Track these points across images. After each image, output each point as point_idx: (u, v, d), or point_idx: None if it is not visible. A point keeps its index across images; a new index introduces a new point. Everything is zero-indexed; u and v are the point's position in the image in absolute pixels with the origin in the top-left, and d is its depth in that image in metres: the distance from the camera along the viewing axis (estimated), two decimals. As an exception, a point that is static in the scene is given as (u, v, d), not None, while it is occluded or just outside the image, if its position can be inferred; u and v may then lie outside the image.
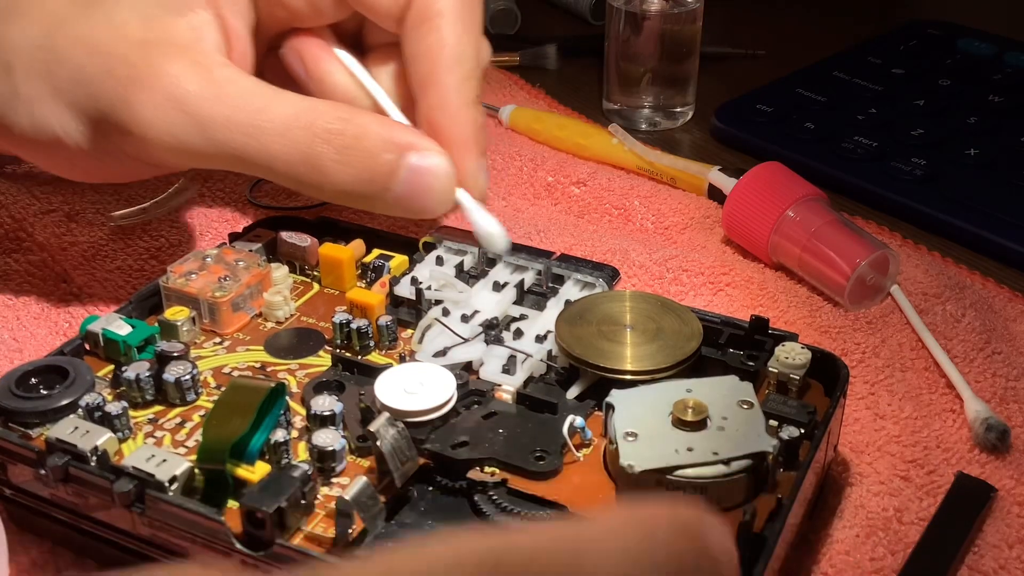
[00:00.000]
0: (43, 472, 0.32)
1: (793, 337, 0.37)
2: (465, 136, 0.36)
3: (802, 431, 0.33)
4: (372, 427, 0.32)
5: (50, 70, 0.37)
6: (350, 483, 0.30)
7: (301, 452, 0.34)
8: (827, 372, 0.36)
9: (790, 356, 0.36)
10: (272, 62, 0.41)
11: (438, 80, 0.36)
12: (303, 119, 0.35)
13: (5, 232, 0.51)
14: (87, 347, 0.38)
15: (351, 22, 0.40)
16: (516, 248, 0.42)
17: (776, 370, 0.36)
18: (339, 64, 0.39)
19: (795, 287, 0.49)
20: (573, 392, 0.36)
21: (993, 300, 0.48)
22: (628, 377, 0.35)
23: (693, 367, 0.36)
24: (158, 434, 0.35)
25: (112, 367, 0.37)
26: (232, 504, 0.32)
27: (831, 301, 0.48)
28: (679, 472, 0.31)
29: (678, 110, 0.66)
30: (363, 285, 0.42)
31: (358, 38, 0.41)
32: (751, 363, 0.37)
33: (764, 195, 0.50)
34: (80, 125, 0.38)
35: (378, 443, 0.32)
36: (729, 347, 0.38)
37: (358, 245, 0.43)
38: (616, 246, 0.51)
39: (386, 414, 0.32)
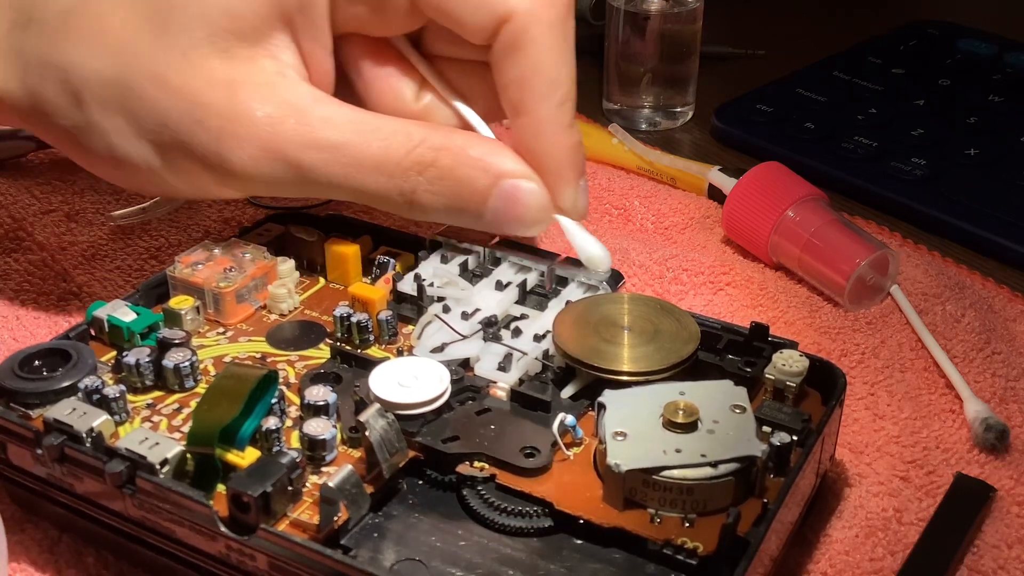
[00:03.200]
0: (39, 452, 0.33)
1: (793, 345, 0.37)
2: (561, 162, 0.36)
3: (794, 438, 0.33)
4: (361, 417, 0.32)
5: (129, 107, 0.36)
6: (336, 471, 0.31)
7: (294, 441, 0.34)
8: (825, 380, 0.36)
9: (787, 363, 0.35)
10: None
11: (533, 108, 0.35)
12: (398, 152, 0.35)
13: (5, 232, 0.51)
14: (92, 332, 0.39)
15: (413, 32, 0.39)
16: (521, 248, 0.42)
17: (773, 377, 0.36)
18: (395, 76, 0.38)
19: (795, 287, 0.49)
20: (568, 391, 0.36)
21: (993, 300, 0.48)
22: (623, 378, 0.35)
23: (690, 371, 0.36)
24: (155, 419, 0.36)
25: (115, 353, 0.38)
26: (222, 489, 0.32)
27: (831, 301, 0.48)
28: (665, 473, 0.31)
29: (678, 110, 0.66)
30: (368, 281, 0.42)
31: (417, 47, 0.40)
32: (748, 369, 0.37)
33: (764, 195, 0.50)
34: (165, 159, 0.37)
35: (367, 433, 0.32)
36: (728, 353, 0.38)
37: (365, 242, 0.43)
38: (616, 246, 0.51)
39: (376, 405, 0.33)
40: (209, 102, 0.35)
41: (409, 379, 0.35)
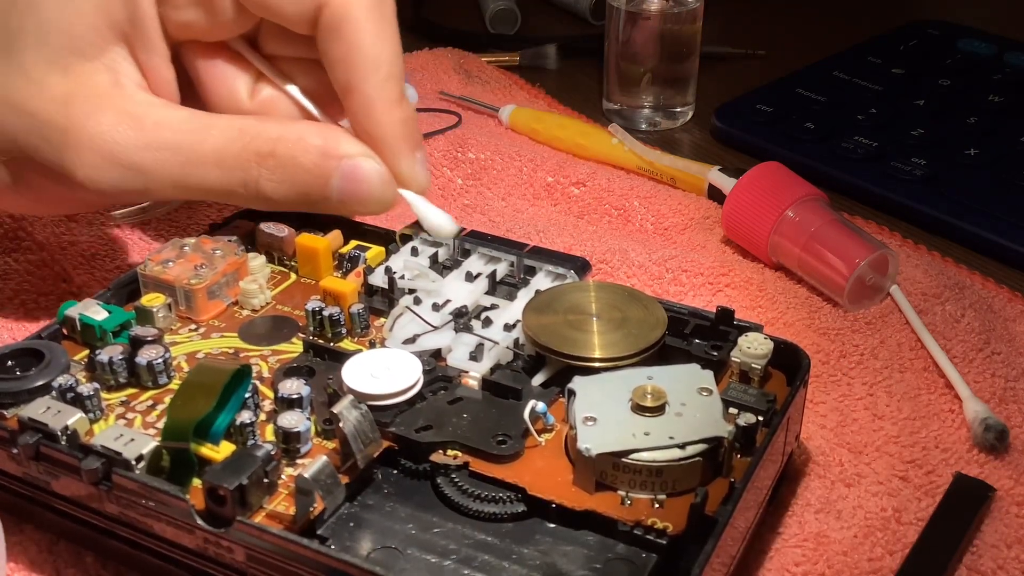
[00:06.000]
0: (15, 451, 0.33)
1: (758, 328, 0.38)
2: (394, 136, 0.37)
3: (760, 418, 0.34)
4: (335, 409, 0.32)
5: None
6: (311, 462, 0.31)
7: (269, 435, 0.35)
8: (790, 362, 0.37)
9: (752, 346, 0.36)
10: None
11: (358, 86, 0.37)
12: (235, 146, 0.36)
13: (5, 232, 0.51)
14: (64, 332, 0.39)
15: (250, 34, 0.41)
16: (490, 239, 0.43)
17: (739, 359, 0.36)
18: (231, 76, 0.40)
19: (795, 287, 0.49)
20: (539, 379, 0.37)
21: (993, 300, 0.48)
22: (592, 364, 0.36)
23: (658, 356, 0.37)
24: (129, 416, 0.36)
25: (88, 351, 0.38)
26: (197, 483, 0.32)
27: (830, 301, 0.48)
28: (635, 455, 0.32)
29: (678, 110, 0.66)
30: (339, 275, 0.43)
31: (255, 48, 0.41)
32: (715, 352, 0.38)
33: (764, 195, 0.50)
34: (15, 176, 0.39)
35: (340, 424, 0.32)
36: (695, 337, 0.39)
37: (335, 236, 0.44)
38: (616, 246, 0.51)
39: (350, 396, 0.33)
40: (49, 117, 0.37)
41: (381, 370, 0.35)
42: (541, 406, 0.34)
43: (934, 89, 0.66)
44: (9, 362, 0.36)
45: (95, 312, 0.38)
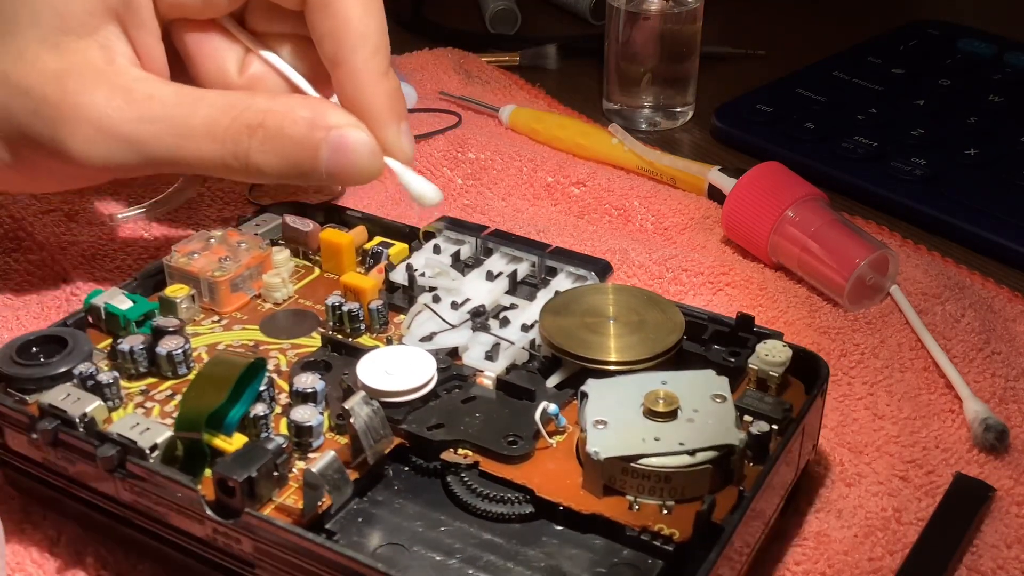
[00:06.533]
0: (34, 436, 0.33)
1: (778, 335, 0.37)
2: (380, 107, 0.38)
3: (774, 427, 0.34)
4: (347, 405, 0.33)
5: None
6: (319, 457, 0.31)
7: (283, 428, 0.35)
8: (808, 370, 0.37)
9: (771, 354, 0.36)
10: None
11: (346, 59, 0.38)
12: (225, 118, 0.37)
13: (5, 232, 0.51)
14: (90, 320, 0.39)
15: (238, 11, 0.42)
16: (513, 239, 0.43)
17: (756, 367, 0.36)
18: (220, 52, 0.41)
19: (795, 287, 0.49)
20: (553, 380, 0.37)
21: (993, 300, 0.48)
22: (607, 367, 0.36)
23: (674, 361, 0.37)
24: (148, 405, 0.36)
25: (111, 340, 0.38)
26: (209, 474, 0.32)
27: (831, 301, 0.48)
28: (644, 460, 0.32)
29: (678, 110, 0.66)
30: (362, 271, 0.43)
31: (244, 25, 0.42)
32: (732, 359, 0.37)
33: (764, 195, 0.50)
34: (14, 153, 0.39)
35: (351, 420, 0.32)
36: (713, 343, 0.38)
37: (360, 232, 0.44)
38: (616, 246, 0.51)
39: (362, 392, 0.33)
40: (43, 94, 0.38)
41: (396, 367, 0.35)
42: (553, 408, 0.34)
43: (934, 89, 0.66)
44: (34, 348, 0.37)
45: (120, 301, 0.39)
